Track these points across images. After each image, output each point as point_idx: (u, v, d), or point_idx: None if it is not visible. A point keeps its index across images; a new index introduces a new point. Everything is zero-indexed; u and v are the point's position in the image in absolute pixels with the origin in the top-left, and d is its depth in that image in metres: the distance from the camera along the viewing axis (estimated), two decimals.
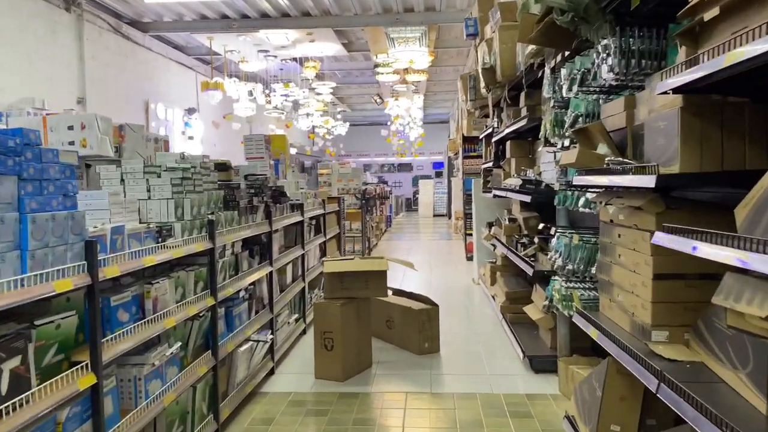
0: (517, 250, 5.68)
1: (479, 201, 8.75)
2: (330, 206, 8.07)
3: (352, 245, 11.56)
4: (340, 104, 21.79)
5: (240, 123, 13.24)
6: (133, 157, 3.67)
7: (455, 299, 7.83)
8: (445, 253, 12.70)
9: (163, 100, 11.98)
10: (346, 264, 4.77)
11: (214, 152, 14.04)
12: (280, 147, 7.43)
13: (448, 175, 23.54)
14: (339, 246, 8.65)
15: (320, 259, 7.16)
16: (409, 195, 30.42)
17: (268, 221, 4.80)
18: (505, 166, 6.50)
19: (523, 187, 4.77)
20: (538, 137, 5.77)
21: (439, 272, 10.09)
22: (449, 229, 18.70)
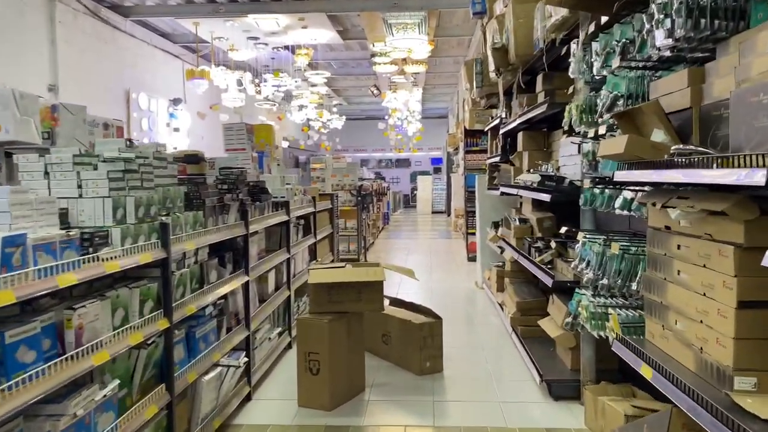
0: (530, 254, 5.01)
1: (483, 199, 8.07)
2: (322, 203, 7.38)
3: (346, 245, 10.88)
4: (336, 97, 21.08)
5: (228, 114, 12.53)
6: (70, 144, 2.98)
7: (457, 306, 7.15)
8: (444, 253, 12.03)
9: (146, 89, 11.26)
10: (335, 273, 4.08)
11: (201, 145, 13.33)
12: (265, 138, 6.75)
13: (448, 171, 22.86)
14: (332, 247, 7.96)
15: (309, 262, 6.47)
16: (408, 191, 29.73)
17: (244, 222, 4.11)
18: (515, 161, 5.82)
19: (543, 184, 4.10)
20: (555, 127, 5.10)
21: (439, 274, 9.41)
22: (449, 227, 18.04)
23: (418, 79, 16.71)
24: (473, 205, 10.54)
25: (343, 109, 23.87)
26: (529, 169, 5.06)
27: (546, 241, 4.88)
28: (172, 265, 3.00)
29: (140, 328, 2.66)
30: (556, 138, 4.95)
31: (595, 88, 3.57)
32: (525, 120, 5.12)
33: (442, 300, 7.45)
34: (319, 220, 7.17)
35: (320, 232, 7.08)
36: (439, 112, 27.47)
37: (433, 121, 27.70)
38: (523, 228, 5.52)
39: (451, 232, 16.42)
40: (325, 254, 7.41)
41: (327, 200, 7.81)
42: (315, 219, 6.67)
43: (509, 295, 5.58)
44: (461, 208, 15.11)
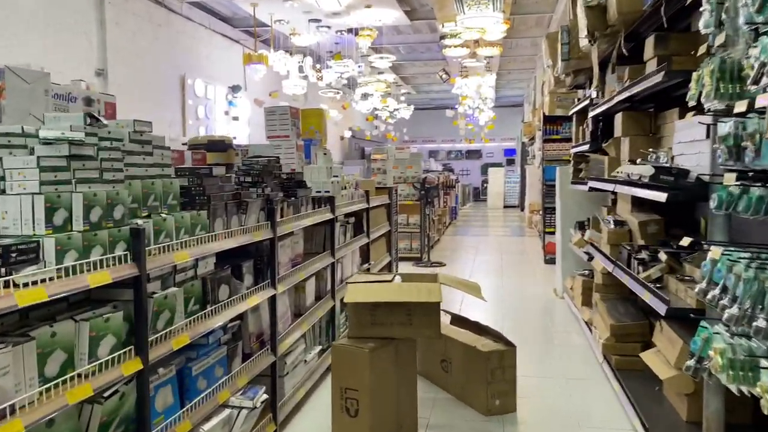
0: (629, 266, 3.99)
1: (566, 194, 7.00)
2: (378, 198, 6.56)
3: (408, 242, 10.03)
4: (404, 85, 20.19)
5: (288, 103, 11.88)
6: (24, 120, 2.25)
7: (532, 320, 6.15)
8: (517, 253, 10.96)
9: (203, 75, 10.78)
10: (378, 290, 3.23)
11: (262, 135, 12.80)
12: (315, 124, 5.97)
13: (522, 162, 21.55)
14: (389, 246, 7.13)
15: (360, 266, 5.66)
16: (477, 184, 28.48)
17: (270, 223, 3.32)
18: (610, 149, 4.76)
19: (657, 179, 3.07)
20: (665, 106, 4.03)
21: (511, 279, 8.39)
22: (522, 223, 16.84)
23: (491, 64, 15.56)
24: (552, 201, 9.43)
25: (411, 98, 22.97)
26: (631, 159, 4.01)
27: (652, 252, 3.84)
28: (150, 285, 2.24)
29: (90, 377, 1.90)
30: (667, 120, 3.89)
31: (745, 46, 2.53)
32: (626, 98, 4.07)
33: (515, 311, 6.47)
34: (375, 216, 6.35)
35: (375, 231, 6.25)
36: (514, 100, 26.06)
37: (507, 110, 26.31)
38: (620, 232, 4.47)
39: (524, 228, 15.25)
40: (380, 256, 6.59)
41: (384, 194, 6.98)
42: (368, 216, 5.84)
43: (600, 315, 4.55)
44: (537, 203, 13.93)
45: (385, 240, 7.04)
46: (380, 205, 6.67)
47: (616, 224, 4.58)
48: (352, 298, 3.16)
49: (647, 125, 4.14)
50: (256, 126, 12.71)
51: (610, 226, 4.61)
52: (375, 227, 6.28)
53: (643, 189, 3.33)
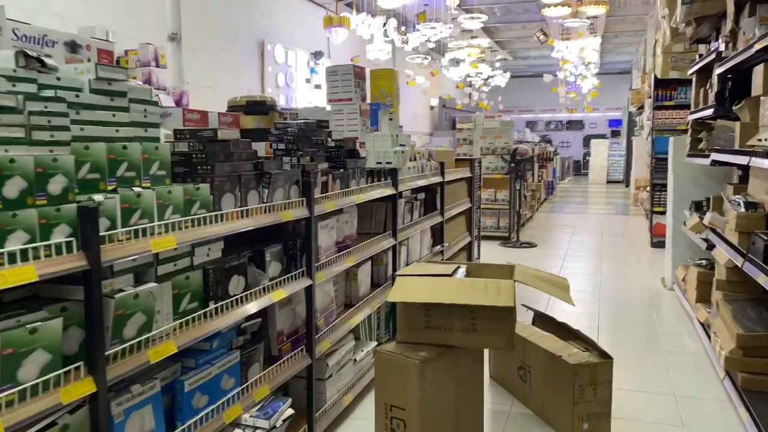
0: (767, 262, 3.08)
1: (680, 169, 5.95)
2: (457, 171, 5.85)
3: (496, 219, 9.22)
4: (499, 50, 19.00)
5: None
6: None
7: (634, 317, 5.26)
8: (621, 235, 9.85)
9: (283, 41, 10.37)
10: (433, 287, 2.58)
11: None
12: (385, 86, 5.32)
13: (628, 134, 19.83)
14: (469, 225, 6.41)
15: (432, 247, 5.01)
16: (578, 157, 26.73)
17: (306, 200, 2.74)
18: (744, 113, 3.78)
19: None
20: None
21: (611, 265, 7.43)
22: (626, 200, 15.42)
23: (596, 25, 14.14)
24: (662, 177, 8.28)
25: (507, 64, 21.68)
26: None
27: None
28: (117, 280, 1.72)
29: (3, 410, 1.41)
30: None
31: None
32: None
33: (614, 304, 5.59)
34: (452, 192, 5.65)
35: (452, 208, 5.56)
36: (621, 67, 24.03)
37: (613, 78, 24.34)
38: (753, 217, 3.53)
39: (629, 207, 13.91)
40: (458, 236, 5.89)
41: (465, 167, 6.24)
42: (443, 191, 5.15)
43: (723, 320, 3.64)
44: (644, 178, 12.58)
45: (465, 218, 6.32)
46: (459, 179, 5.95)
47: (747, 207, 3.63)
48: (398, 297, 2.52)
49: None
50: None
51: (739, 208, 3.66)
52: (452, 204, 5.59)
53: None
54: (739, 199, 3.77)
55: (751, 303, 3.64)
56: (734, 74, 4.27)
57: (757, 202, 3.63)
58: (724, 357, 3.40)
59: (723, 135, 4.20)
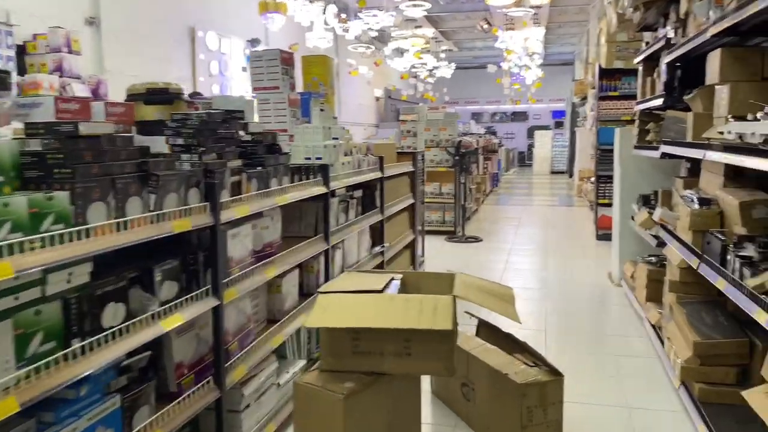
0: (725, 264, 2.86)
1: (627, 161, 5.77)
2: (398, 166, 5.50)
3: (441, 214, 8.94)
4: (444, 41, 18.76)
5: None
6: None
7: (582, 317, 5.04)
8: (565, 227, 9.74)
9: (216, 27, 9.77)
10: (361, 307, 2.21)
11: None
12: (319, 74, 4.90)
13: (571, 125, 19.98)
14: (413, 221, 6.08)
15: (371, 249, 4.65)
16: (523, 148, 26.91)
17: (210, 206, 2.32)
18: (696, 103, 3.55)
19: None
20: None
21: (557, 259, 7.25)
22: (570, 191, 15.47)
23: (539, 15, 14.05)
24: (606, 168, 8.18)
25: (452, 55, 21.49)
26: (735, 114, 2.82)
27: (763, 247, 2.70)
28: None
29: None
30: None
31: None
32: (727, 28, 2.86)
33: (561, 302, 5.37)
34: (394, 187, 5.30)
35: (393, 205, 5.21)
36: (564, 58, 24.24)
37: (556, 69, 24.53)
38: (708, 215, 3.30)
39: (573, 198, 13.92)
40: (401, 234, 5.55)
41: (407, 161, 5.90)
42: (382, 187, 4.79)
43: (678, 326, 3.42)
44: (587, 169, 12.59)
45: (408, 214, 5.99)
46: (401, 174, 5.61)
47: (701, 203, 3.40)
48: (317, 321, 2.14)
49: (757, 66, 2.92)
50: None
51: (693, 205, 3.44)
52: (393, 200, 5.24)
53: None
54: (692, 195, 3.55)
55: (707, 306, 3.42)
56: (684, 62, 4.06)
57: (710, 198, 3.40)
58: (680, 366, 3.17)
59: (673, 126, 3.98)
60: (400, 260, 5.64)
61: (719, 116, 3.06)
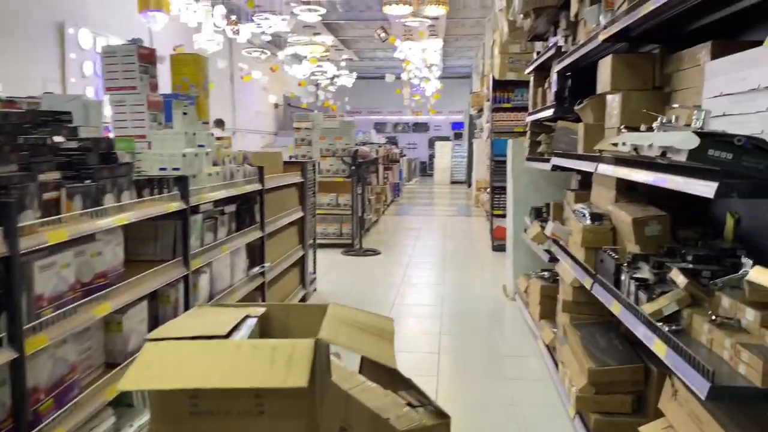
0: (618, 286, 2.68)
1: (519, 173, 5.67)
2: (285, 176, 5.07)
3: (338, 226, 8.57)
4: (345, 49, 18.52)
5: None
6: None
7: (477, 335, 4.82)
8: (463, 238, 9.66)
9: (90, 24, 8.91)
10: (198, 358, 1.76)
11: None
12: (190, 75, 4.39)
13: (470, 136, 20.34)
14: (302, 236, 5.65)
15: (248, 270, 4.18)
16: (425, 158, 27.17)
17: (5, 232, 1.80)
18: (587, 113, 3.41)
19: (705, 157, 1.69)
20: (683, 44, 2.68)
21: (454, 272, 7.08)
22: (469, 201, 15.62)
23: (437, 26, 14.11)
24: (501, 179, 8.15)
25: (354, 65, 21.33)
26: (627, 125, 2.65)
27: (656, 266, 2.52)
28: None
29: None
30: (684, 63, 2.52)
31: None
32: (618, 33, 2.69)
33: (456, 319, 5.14)
34: (279, 200, 4.87)
35: (279, 219, 4.78)
36: (462, 71, 24.77)
37: (455, 81, 25.01)
38: (600, 231, 3.14)
39: (471, 208, 14.02)
40: (286, 251, 5.11)
41: (296, 171, 5.48)
42: (263, 201, 4.35)
43: (572, 349, 3.22)
44: (484, 180, 12.70)
45: (297, 229, 5.56)
46: (287, 185, 5.18)
47: (593, 218, 3.24)
48: (134, 382, 1.68)
49: (648, 74, 2.78)
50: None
51: (585, 220, 3.27)
52: (278, 214, 4.80)
53: (668, 174, 1.95)
54: (583, 210, 3.38)
55: (601, 328, 3.25)
56: (575, 71, 3.94)
57: (602, 214, 3.25)
58: (575, 396, 2.96)
59: (564, 138, 3.83)
60: (287, 280, 5.21)
61: (611, 127, 2.89)
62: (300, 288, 5.61)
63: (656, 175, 2.03)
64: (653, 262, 2.58)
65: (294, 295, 5.37)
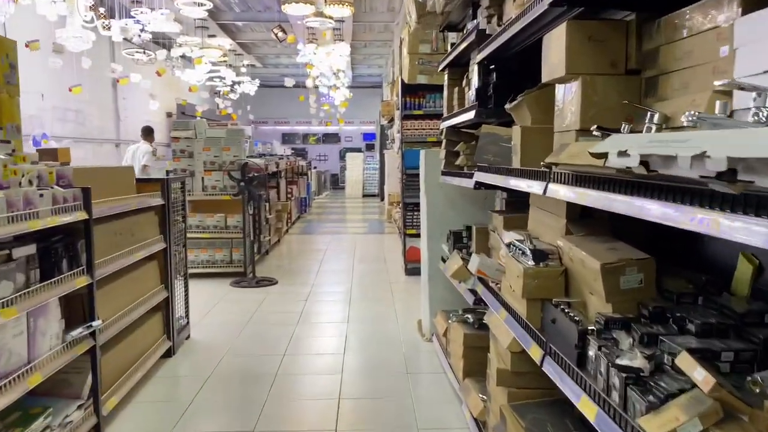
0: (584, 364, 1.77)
1: (434, 190, 4.77)
2: (137, 198, 3.90)
3: (227, 252, 7.37)
4: (246, 54, 17.22)
5: (61, 59, 8.61)
6: None
7: (386, 399, 3.82)
8: (373, 259, 8.70)
9: None
10: None
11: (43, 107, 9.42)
12: None
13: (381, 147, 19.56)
14: (166, 274, 4.46)
15: (66, 334, 2.98)
16: (336, 170, 26.13)
17: None
18: (522, 113, 2.51)
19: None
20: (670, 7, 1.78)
21: (361, 303, 6.08)
22: (381, 215, 14.73)
23: (343, 30, 13.18)
24: (414, 195, 7.28)
25: (257, 72, 20.03)
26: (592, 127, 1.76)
27: (646, 341, 1.64)
28: None
29: None
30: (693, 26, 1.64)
31: None
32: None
33: (361, 374, 4.14)
34: (124, 231, 3.68)
35: (125, 255, 3.59)
36: (372, 81, 24.02)
37: (366, 91, 24.21)
38: (548, 275, 2.24)
39: (384, 224, 13.11)
40: (140, 295, 3.91)
41: (155, 190, 4.30)
42: (89, 235, 3.16)
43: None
44: (396, 194, 11.85)
45: (157, 265, 4.38)
46: (140, 210, 4.00)
47: (537, 257, 2.33)
48: None
49: (620, 52, 1.90)
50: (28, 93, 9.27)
51: (525, 260, 2.36)
52: (123, 249, 3.62)
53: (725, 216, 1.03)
54: (521, 243, 2.47)
55: (551, 410, 2.33)
56: (501, 61, 3.06)
57: (548, 251, 2.35)
58: None
59: (491, 147, 2.93)
60: (143, 332, 4.01)
61: (565, 129, 1.98)
62: (164, 340, 4.41)
63: (660, 206, 1.11)
64: (640, 334, 1.69)
65: (154, 351, 4.18)
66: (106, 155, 12.49)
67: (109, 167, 4.18)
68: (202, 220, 7.34)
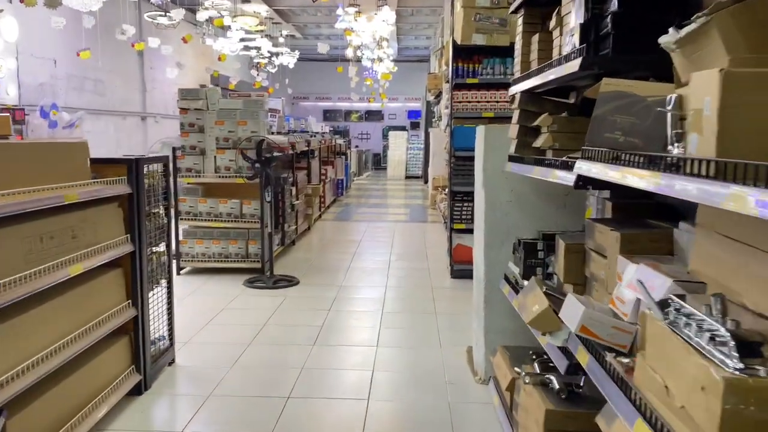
0: None
1: (495, 180, 3.51)
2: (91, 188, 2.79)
3: (243, 244, 6.28)
4: (284, 23, 16.08)
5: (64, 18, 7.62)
6: None
7: None
8: (414, 255, 7.47)
9: None
10: None
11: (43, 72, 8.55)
12: None
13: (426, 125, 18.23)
14: (134, 286, 3.36)
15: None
16: (379, 150, 24.90)
17: None
18: (705, 48, 1.25)
19: None
20: None
21: (395, 320, 4.89)
22: (425, 200, 13.46)
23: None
24: (464, 183, 6.06)
25: (297, 43, 18.88)
26: None
27: None
28: None
29: None
30: None
31: None
32: None
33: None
34: (59, 233, 2.58)
35: (58, 270, 2.49)
36: (420, 53, 22.54)
37: (413, 66, 22.77)
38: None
39: (426, 211, 11.86)
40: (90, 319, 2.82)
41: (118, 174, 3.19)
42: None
43: None
44: (442, 177, 10.58)
45: (121, 275, 3.28)
46: (89, 203, 2.89)
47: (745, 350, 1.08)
48: None
49: None
50: (31, 59, 8.40)
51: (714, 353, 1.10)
52: (58, 259, 2.52)
53: None
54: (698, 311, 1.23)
55: None
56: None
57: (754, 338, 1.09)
58: None
59: (623, 119, 1.64)
60: (93, 368, 2.93)
61: None
62: (130, 373, 3.33)
63: None
64: None
65: (113, 391, 3.10)
66: (129, 130, 11.61)
67: (42, 142, 3.07)
68: (214, 207, 6.25)
